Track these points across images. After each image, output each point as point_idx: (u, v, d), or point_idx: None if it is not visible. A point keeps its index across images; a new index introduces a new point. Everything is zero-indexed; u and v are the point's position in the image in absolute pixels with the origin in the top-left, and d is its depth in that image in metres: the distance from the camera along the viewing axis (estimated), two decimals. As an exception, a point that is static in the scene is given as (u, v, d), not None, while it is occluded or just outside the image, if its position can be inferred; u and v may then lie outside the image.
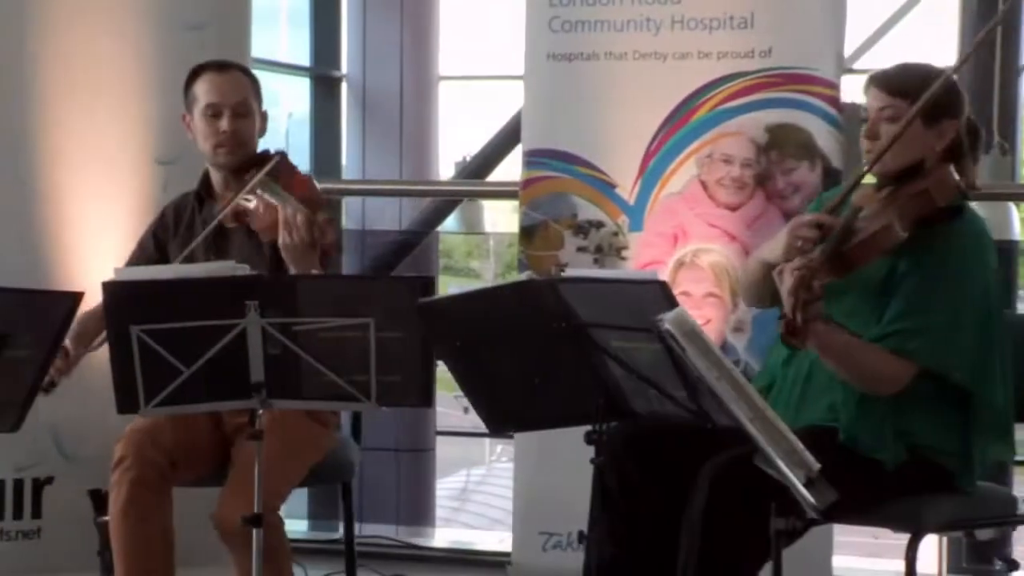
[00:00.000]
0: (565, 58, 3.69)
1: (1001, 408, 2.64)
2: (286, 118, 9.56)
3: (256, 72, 3.21)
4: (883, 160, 2.57)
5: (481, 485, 11.77)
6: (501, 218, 10.06)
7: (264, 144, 3.12)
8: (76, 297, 2.46)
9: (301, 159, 9.57)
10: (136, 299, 2.48)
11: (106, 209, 3.61)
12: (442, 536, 7.74)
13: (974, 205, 7.18)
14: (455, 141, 10.13)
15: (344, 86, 9.42)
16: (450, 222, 9.13)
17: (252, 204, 2.89)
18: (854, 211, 2.55)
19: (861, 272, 2.56)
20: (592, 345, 2.42)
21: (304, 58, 9.32)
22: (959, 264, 2.59)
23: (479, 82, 10.91)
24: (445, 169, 9.35)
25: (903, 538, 2.77)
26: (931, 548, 4.02)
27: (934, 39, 9.19)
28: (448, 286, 11.20)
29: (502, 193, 5.73)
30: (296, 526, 4.64)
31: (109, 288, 2.49)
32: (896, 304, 2.59)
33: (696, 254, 3.64)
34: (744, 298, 2.85)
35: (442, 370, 2.56)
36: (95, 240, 3.59)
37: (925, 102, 2.50)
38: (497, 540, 4.41)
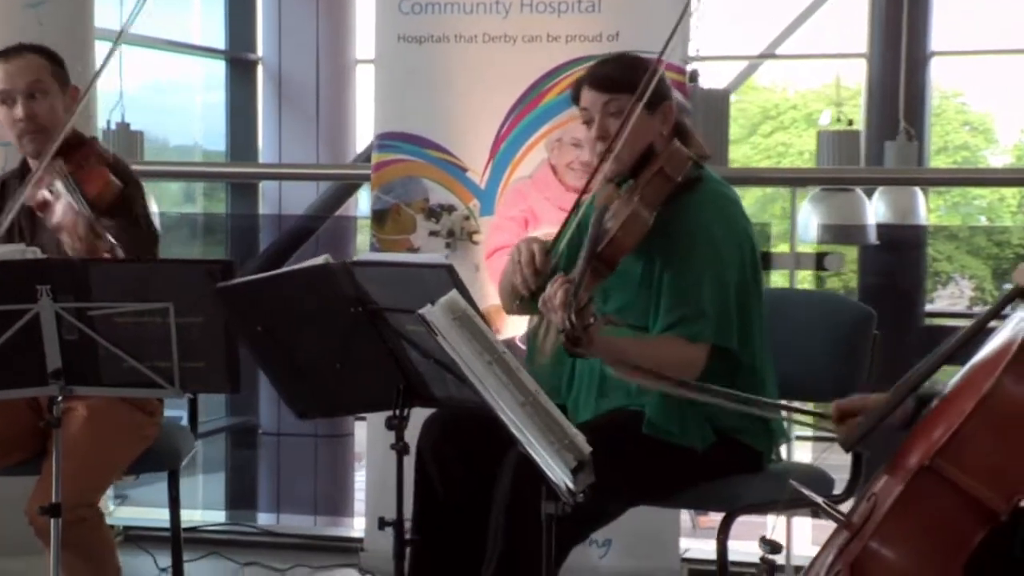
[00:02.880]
0: (415, 40, 3.65)
1: (761, 372, 2.65)
2: (200, 102, 9.46)
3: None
4: (619, 157, 2.60)
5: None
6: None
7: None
8: None
9: (218, 143, 9.49)
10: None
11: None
12: (359, 525, 7.69)
13: (884, 189, 6.99)
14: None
15: (260, 69, 9.32)
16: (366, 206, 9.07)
17: (51, 198, 2.80)
18: (600, 212, 2.58)
19: (621, 269, 2.57)
20: (390, 330, 2.40)
21: (219, 41, 9.21)
22: (707, 233, 2.60)
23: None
24: (363, 152, 9.30)
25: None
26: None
27: (846, 28, 9.24)
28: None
29: (357, 176, 5.73)
30: (214, 516, 4.72)
31: None
32: (667, 292, 2.60)
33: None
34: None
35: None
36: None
37: (641, 92, 2.55)
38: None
